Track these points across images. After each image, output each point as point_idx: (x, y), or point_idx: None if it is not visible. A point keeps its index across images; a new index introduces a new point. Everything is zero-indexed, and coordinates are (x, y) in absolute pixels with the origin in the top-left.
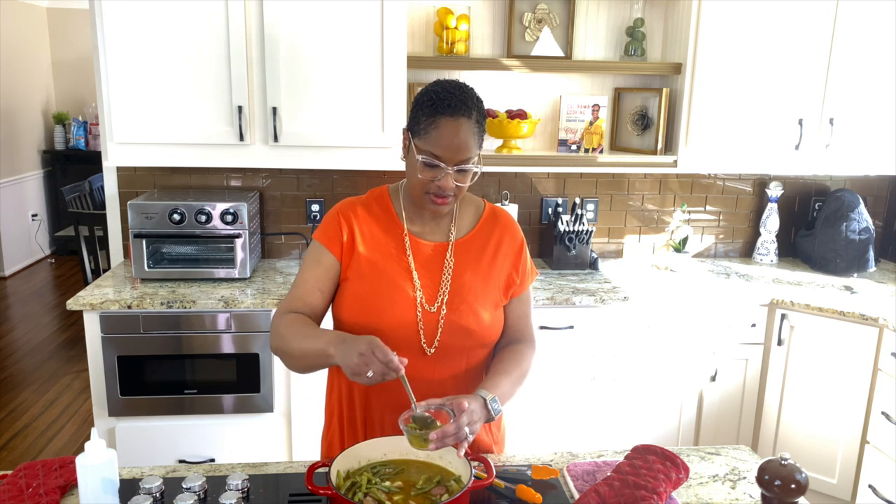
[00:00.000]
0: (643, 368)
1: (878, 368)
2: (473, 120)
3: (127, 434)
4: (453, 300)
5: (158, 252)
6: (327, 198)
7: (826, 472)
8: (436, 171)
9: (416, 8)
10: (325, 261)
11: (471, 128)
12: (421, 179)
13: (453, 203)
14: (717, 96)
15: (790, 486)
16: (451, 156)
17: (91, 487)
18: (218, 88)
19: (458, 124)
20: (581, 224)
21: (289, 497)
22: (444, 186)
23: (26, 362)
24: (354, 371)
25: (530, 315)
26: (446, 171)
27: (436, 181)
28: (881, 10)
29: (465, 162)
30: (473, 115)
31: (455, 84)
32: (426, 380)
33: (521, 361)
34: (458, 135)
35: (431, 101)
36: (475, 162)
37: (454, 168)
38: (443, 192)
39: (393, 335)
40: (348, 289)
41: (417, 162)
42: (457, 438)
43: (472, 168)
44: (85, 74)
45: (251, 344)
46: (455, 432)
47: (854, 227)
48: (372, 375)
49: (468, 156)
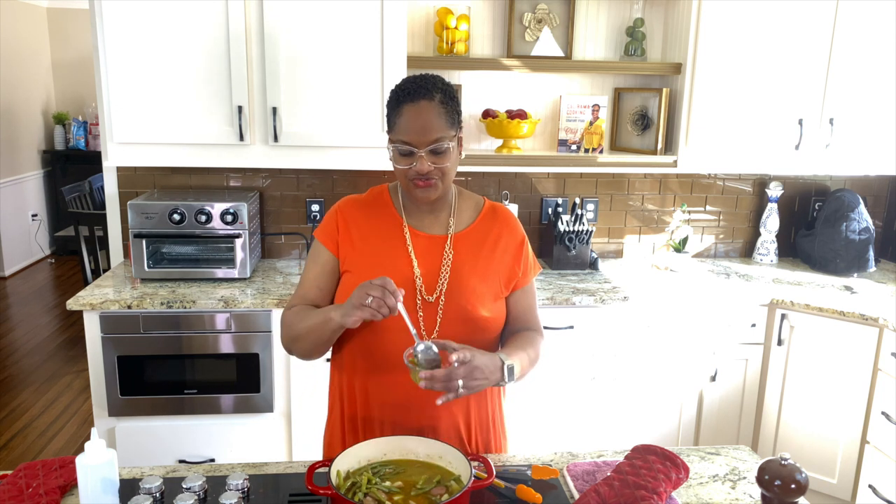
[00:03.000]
0: (643, 368)
1: (878, 368)
2: (437, 101)
3: (127, 434)
4: (452, 290)
5: (158, 252)
6: (327, 198)
7: (826, 472)
8: (410, 158)
9: (416, 8)
10: (322, 258)
11: (434, 108)
12: (401, 169)
13: (440, 187)
14: (717, 96)
15: (790, 486)
16: (419, 138)
17: (91, 487)
18: (218, 88)
19: (420, 107)
20: (581, 224)
21: (289, 497)
22: (421, 170)
23: (26, 362)
24: (355, 304)
25: (535, 308)
26: (419, 153)
27: (413, 167)
28: (881, 10)
29: (436, 142)
30: (436, 97)
31: (418, 75)
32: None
33: (534, 344)
34: (420, 116)
35: (395, 95)
36: (449, 141)
37: (426, 150)
38: (422, 176)
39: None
40: (348, 280)
41: (393, 153)
42: (445, 387)
43: (445, 147)
44: (85, 74)
45: (251, 344)
46: (444, 379)
47: (854, 227)
48: (371, 301)
49: (436, 136)
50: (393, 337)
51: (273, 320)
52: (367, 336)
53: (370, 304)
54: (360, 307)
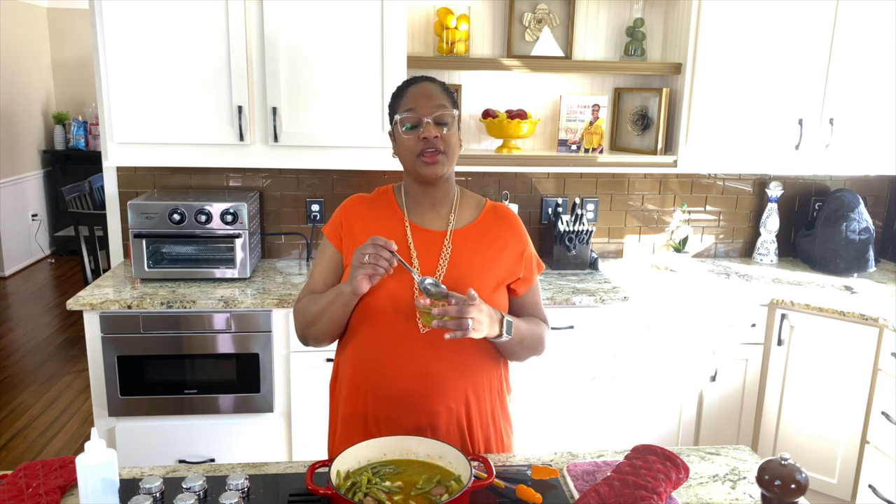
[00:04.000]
0: (643, 368)
1: (878, 368)
2: (437, 84)
3: (127, 434)
4: (449, 282)
5: (158, 252)
6: (327, 198)
7: (826, 472)
8: (417, 130)
9: (416, 8)
10: (328, 253)
11: (436, 87)
12: (407, 141)
13: (446, 162)
14: (717, 96)
15: (790, 486)
16: (425, 104)
17: (91, 487)
18: (218, 88)
19: (424, 86)
20: (581, 224)
21: (289, 497)
22: (428, 135)
23: (26, 362)
24: (355, 265)
25: (541, 303)
26: (425, 120)
27: (420, 135)
28: (881, 10)
29: (440, 110)
30: (436, 82)
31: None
32: (419, 365)
33: (536, 323)
34: (424, 90)
35: (398, 89)
36: (451, 117)
37: (432, 117)
38: (430, 145)
39: (389, 314)
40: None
41: (401, 130)
42: (457, 324)
43: (448, 119)
44: (85, 74)
45: (251, 344)
46: (457, 312)
47: (854, 227)
48: (368, 258)
49: (440, 102)
50: (395, 327)
51: (273, 320)
52: (370, 326)
53: (367, 260)
54: (360, 265)
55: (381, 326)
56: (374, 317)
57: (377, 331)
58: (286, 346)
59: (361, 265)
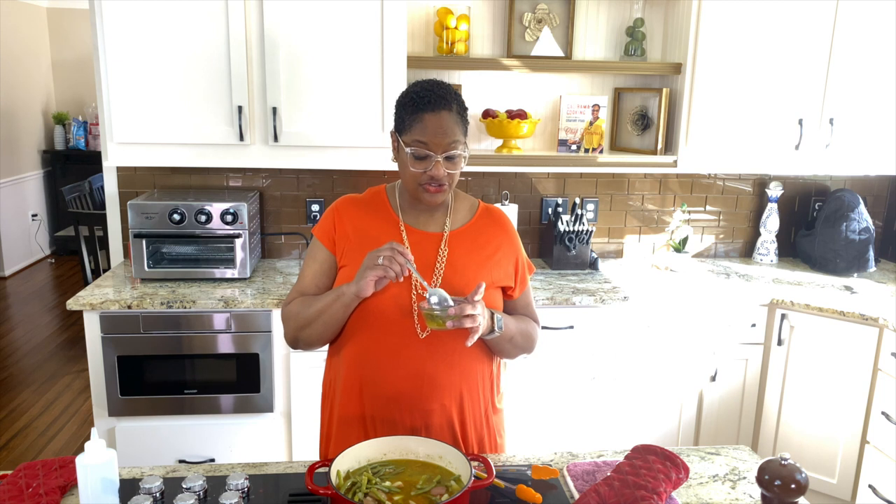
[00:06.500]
0: (643, 368)
1: (878, 368)
2: (454, 111)
3: (127, 434)
4: (447, 284)
5: (158, 252)
6: (327, 198)
7: (826, 472)
8: (426, 161)
9: (416, 8)
10: (319, 255)
11: (453, 117)
12: (413, 172)
13: (448, 192)
14: (717, 96)
15: (790, 486)
16: (438, 142)
17: (91, 487)
18: (218, 88)
19: (440, 116)
20: (581, 224)
21: (289, 497)
22: (436, 175)
23: (26, 362)
24: (367, 266)
25: (532, 303)
26: (436, 158)
27: (427, 171)
28: (881, 10)
29: (453, 147)
30: (454, 107)
31: (433, 82)
32: (418, 367)
33: (528, 323)
34: (441, 125)
35: (412, 100)
36: (462, 148)
37: (443, 155)
38: (436, 181)
39: (387, 317)
40: (345, 275)
41: (407, 155)
42: (472, 320)
43: (460, 153)
44: (85, 74)
45: (251, 344)
46: (472, 311)
47: (854, 227)
48: (383, 260)
49: (454, 139)
50: (395, 329)
51: (273, 320)
52: (369, 329)
53: (382, 262)
54: (373, 266)
55: (381, 329)
56: (374, 319)
57: (376, 333)
58: (286, 346)
59: (374, 267)
